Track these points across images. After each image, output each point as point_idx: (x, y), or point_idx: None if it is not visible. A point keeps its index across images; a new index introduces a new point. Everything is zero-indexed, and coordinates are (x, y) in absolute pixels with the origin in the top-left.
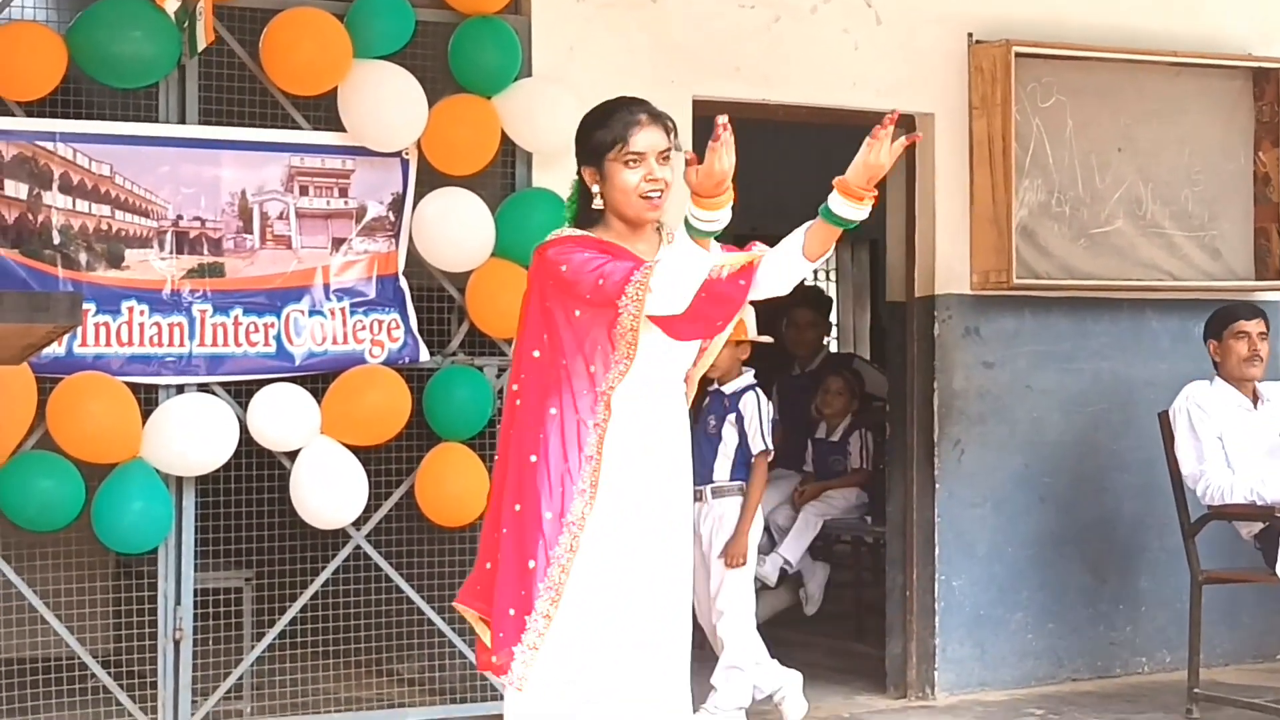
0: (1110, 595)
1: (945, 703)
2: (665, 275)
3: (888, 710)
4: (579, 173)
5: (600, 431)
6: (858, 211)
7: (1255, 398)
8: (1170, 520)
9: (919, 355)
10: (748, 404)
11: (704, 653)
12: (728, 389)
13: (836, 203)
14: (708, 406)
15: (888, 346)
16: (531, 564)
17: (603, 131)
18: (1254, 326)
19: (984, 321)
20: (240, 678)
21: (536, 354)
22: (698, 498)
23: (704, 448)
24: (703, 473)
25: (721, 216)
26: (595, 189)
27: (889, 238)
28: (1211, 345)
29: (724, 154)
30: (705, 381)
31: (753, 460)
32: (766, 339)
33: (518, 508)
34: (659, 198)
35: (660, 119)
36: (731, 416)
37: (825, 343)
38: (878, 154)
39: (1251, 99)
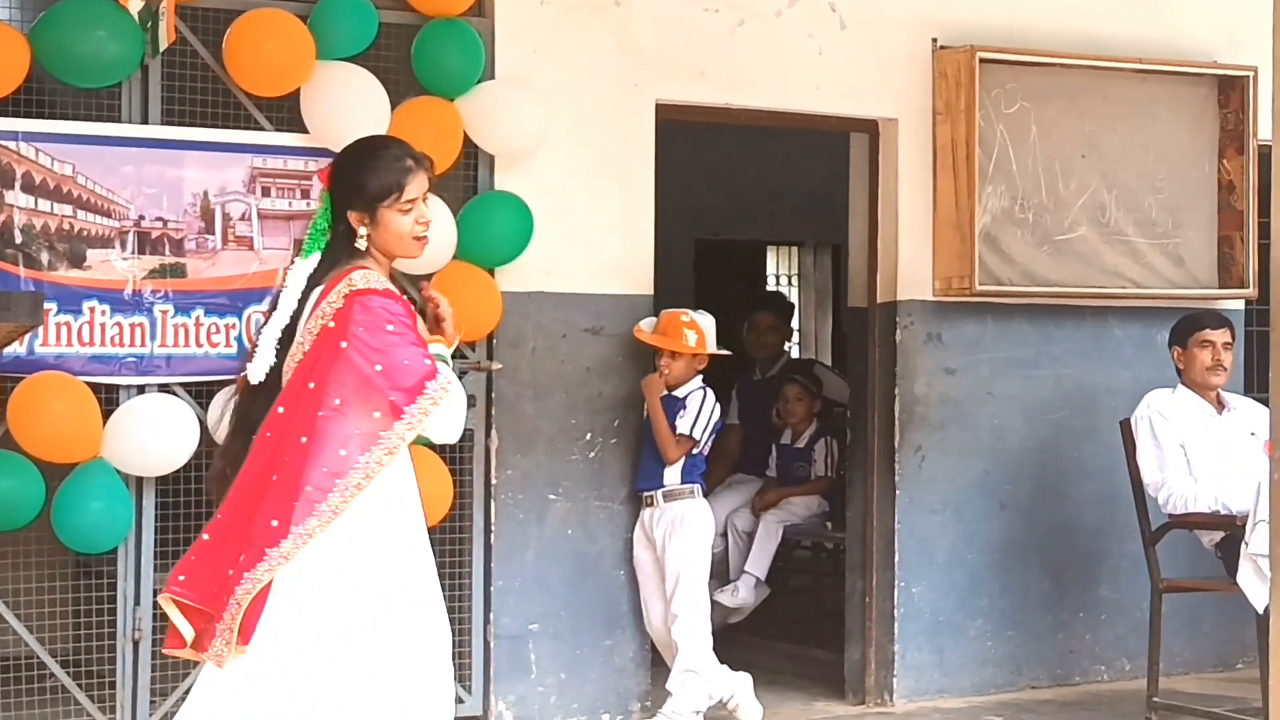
0: (1070, 603)
1: (904, 709)
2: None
3: (846, 716)
4: (340, 212)
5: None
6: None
7: (1220, 405)
8: (1131, 528)
9: (881, 361)
10: (692, 399)
11: (657, 656)
12: (680, 393)
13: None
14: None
15: (849, 352)
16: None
17: (374, 180)
18: (1219, 336)
19: (946, 328)
20: None
21: (337, 402)
22: (649, 503)
23: (656, 452)
24: (654, 477)
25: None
26: (363, 231)
27: (851, 243)
28: (1175, 352)
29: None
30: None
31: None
32: (725, 352)
33: (275, 523)
34: (427, 237)
35: (422, 161)
36: (680, 413)
37: (786, 348)
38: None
39: (1216, 106)
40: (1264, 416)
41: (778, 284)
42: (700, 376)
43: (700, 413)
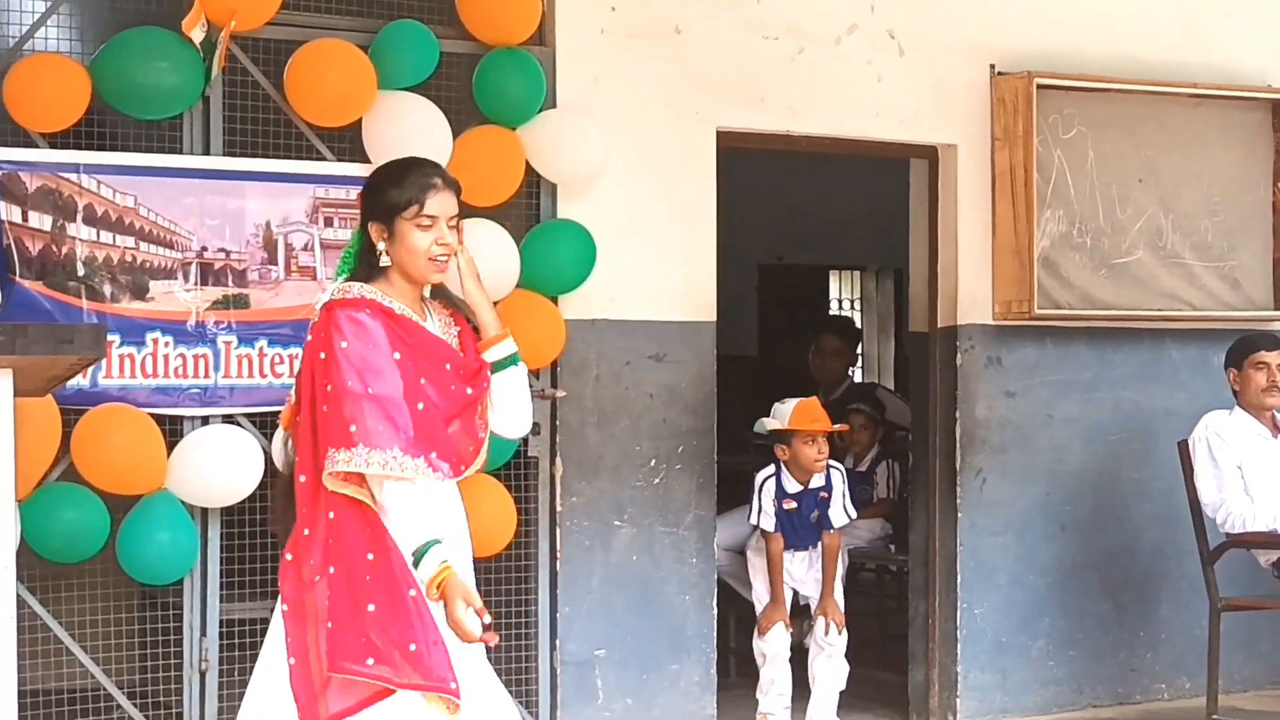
0: (1130, 623)
1: None
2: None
3: None
4: (365, 227)
5: None
6: None
7: (1275, 427)
8: (1189, 548)
9: (942, 385)
10: (835, 482)
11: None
12: (816, 484)
13: None
14: (805, 508)
15: (911, 376)
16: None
17: (396, 191)
18: (1274, 357)
19: (1006, 351)
20: None
21: (325, 408)
22: (802, 549)
23: (811, 535)
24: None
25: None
26: (381, 246)
27: (912, 268)
28: (1231, 374)
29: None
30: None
31: (833, 530)
32: (842, 428)
33: (370, 556)
34: (445, 261)
35: (452, 185)
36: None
37: (850, 372)
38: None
39: (1271, 130)
40: None
41: (840, 308)
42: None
43: (846, 493)
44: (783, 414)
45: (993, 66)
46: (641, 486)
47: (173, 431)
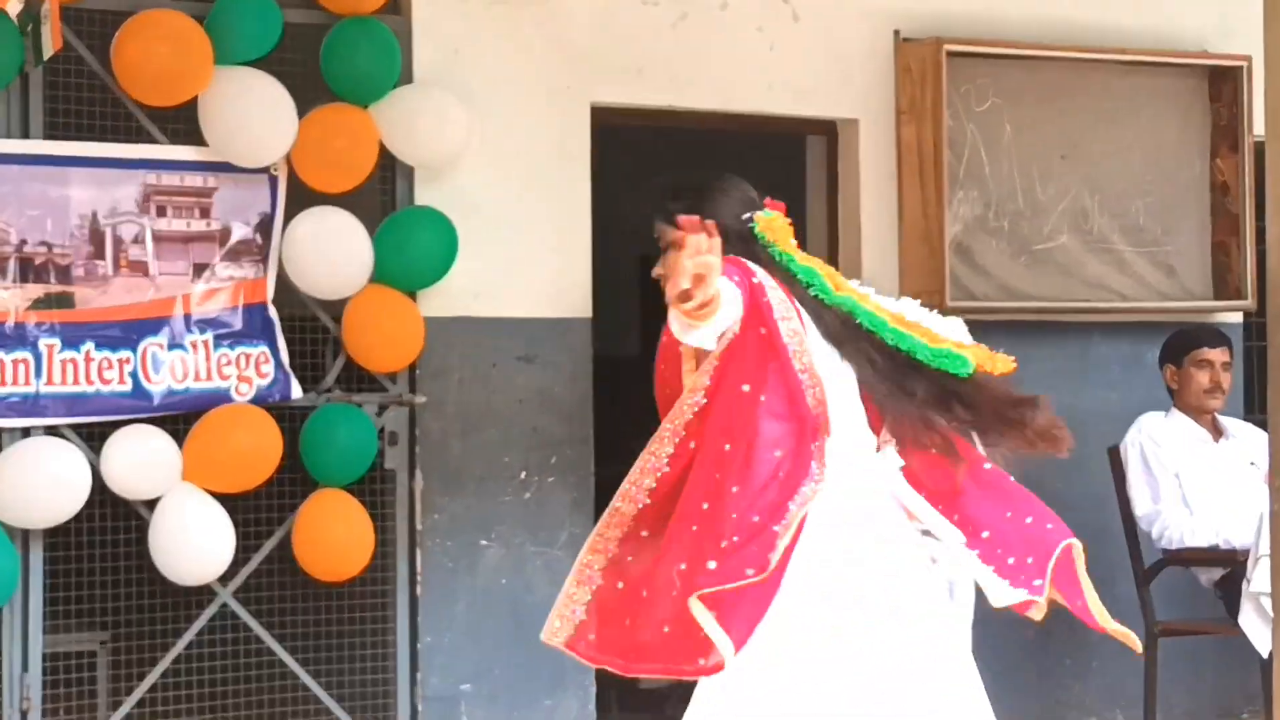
0: (1057, 649)
1: None
2: None
3: None
4: None
5: None
6: None
7: (1217, 431)
8: (1122, 566)
9: None
10: None
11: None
12: None
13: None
14: None
15: None
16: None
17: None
18: (1218, 355)
19: None
20: None
21: None
22: None
23: None
24: None
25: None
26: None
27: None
28: (1169, 371)
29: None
30: None
31: None
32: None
33: None
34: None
35: (670, 218)
36: None
37: None
38: None
39: (1207, 100)
40: (1264, 443)
41: None
42: None
43: None
44: None
45: (897, 32)
46: (511, 502)
47: None
